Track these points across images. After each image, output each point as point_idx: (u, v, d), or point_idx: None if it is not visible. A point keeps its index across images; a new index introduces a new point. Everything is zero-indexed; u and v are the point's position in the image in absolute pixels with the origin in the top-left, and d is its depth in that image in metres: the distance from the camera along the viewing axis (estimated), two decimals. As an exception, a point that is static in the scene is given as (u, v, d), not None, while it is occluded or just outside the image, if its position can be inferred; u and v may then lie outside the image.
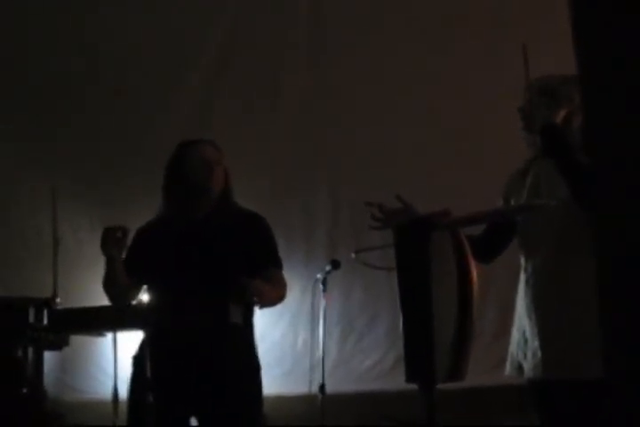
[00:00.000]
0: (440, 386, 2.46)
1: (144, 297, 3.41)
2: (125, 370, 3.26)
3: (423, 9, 6.29)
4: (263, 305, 3.14)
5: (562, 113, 2.75)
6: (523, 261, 2.85)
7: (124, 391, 3.30)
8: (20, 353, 4.97)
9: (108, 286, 3.23)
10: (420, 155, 6.19)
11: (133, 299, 3.38)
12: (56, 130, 6.51)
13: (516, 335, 2.84)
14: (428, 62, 6.20)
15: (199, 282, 3.12)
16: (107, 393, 4.87)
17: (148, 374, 3.00)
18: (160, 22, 6.51)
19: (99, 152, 6.45)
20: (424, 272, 2.44)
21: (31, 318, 4.99)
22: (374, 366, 6.12)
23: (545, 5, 5.62)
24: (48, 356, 5.22)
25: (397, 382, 2.93)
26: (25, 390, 4.92)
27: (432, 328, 2.42)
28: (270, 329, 5.98)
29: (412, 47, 6.25)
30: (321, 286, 4.78)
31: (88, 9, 6.49)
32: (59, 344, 5.17)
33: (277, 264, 3.29)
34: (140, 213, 3.25)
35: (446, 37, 6.26)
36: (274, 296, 3.20)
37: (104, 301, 3.45)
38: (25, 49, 6.46)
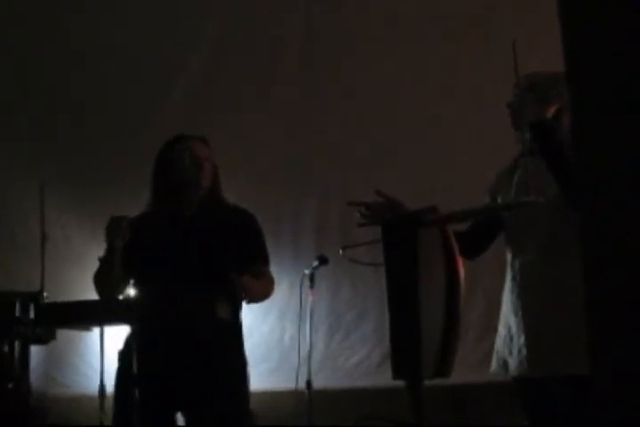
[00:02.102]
0: (426, 383, 2.47)
1: (131, 292, 3.40)
2: (112, 365, 3.25)
3: (412, 9, 6.30)
4: (250, 301, 3.14)
5: (552, 109, 2.74)
6: (509, 258, 2.86)
7: (110, 386, 3.29)
8: (6, 347, 4.96)
9: (102, 277, 3.19)
10: (409, 154, 6.19)
11: (121, 293, 3.37)
12: (45, 128, 6.49)
13: (502, 332, 2.85)
14: (427, 64, 6.22)
15: (187, 277, 3.11)
16: (93, 388, 4.86)
17: (134, 369, 3.00)
18: (154, 21, 6.49)
19: (87, 149, 6.44)
20: (411, 268, 2.44)
21: (18, 313, 4.97)
22: (361, 362, 6.13)
23: (532, 4, 5.64)
24: (34, 350, 5.21)
25: (384, 378, 2.93)
26: (10, 385, 4.91)
27: (419, 325, 2.42)
28: (258, 325, 5.98)
29: (409, 48, 6.26)
30: (308, 281, 4.76)
31: (76, 8, 6.47)
32: (45, 338, 5.16)
33: (265, 261, 3.29)
34: (128, 211, 3.23)
35: (435, 38, 6.27)
36: (261, 292, 3.20)
37: (91, 295, 3.43)
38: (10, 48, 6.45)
